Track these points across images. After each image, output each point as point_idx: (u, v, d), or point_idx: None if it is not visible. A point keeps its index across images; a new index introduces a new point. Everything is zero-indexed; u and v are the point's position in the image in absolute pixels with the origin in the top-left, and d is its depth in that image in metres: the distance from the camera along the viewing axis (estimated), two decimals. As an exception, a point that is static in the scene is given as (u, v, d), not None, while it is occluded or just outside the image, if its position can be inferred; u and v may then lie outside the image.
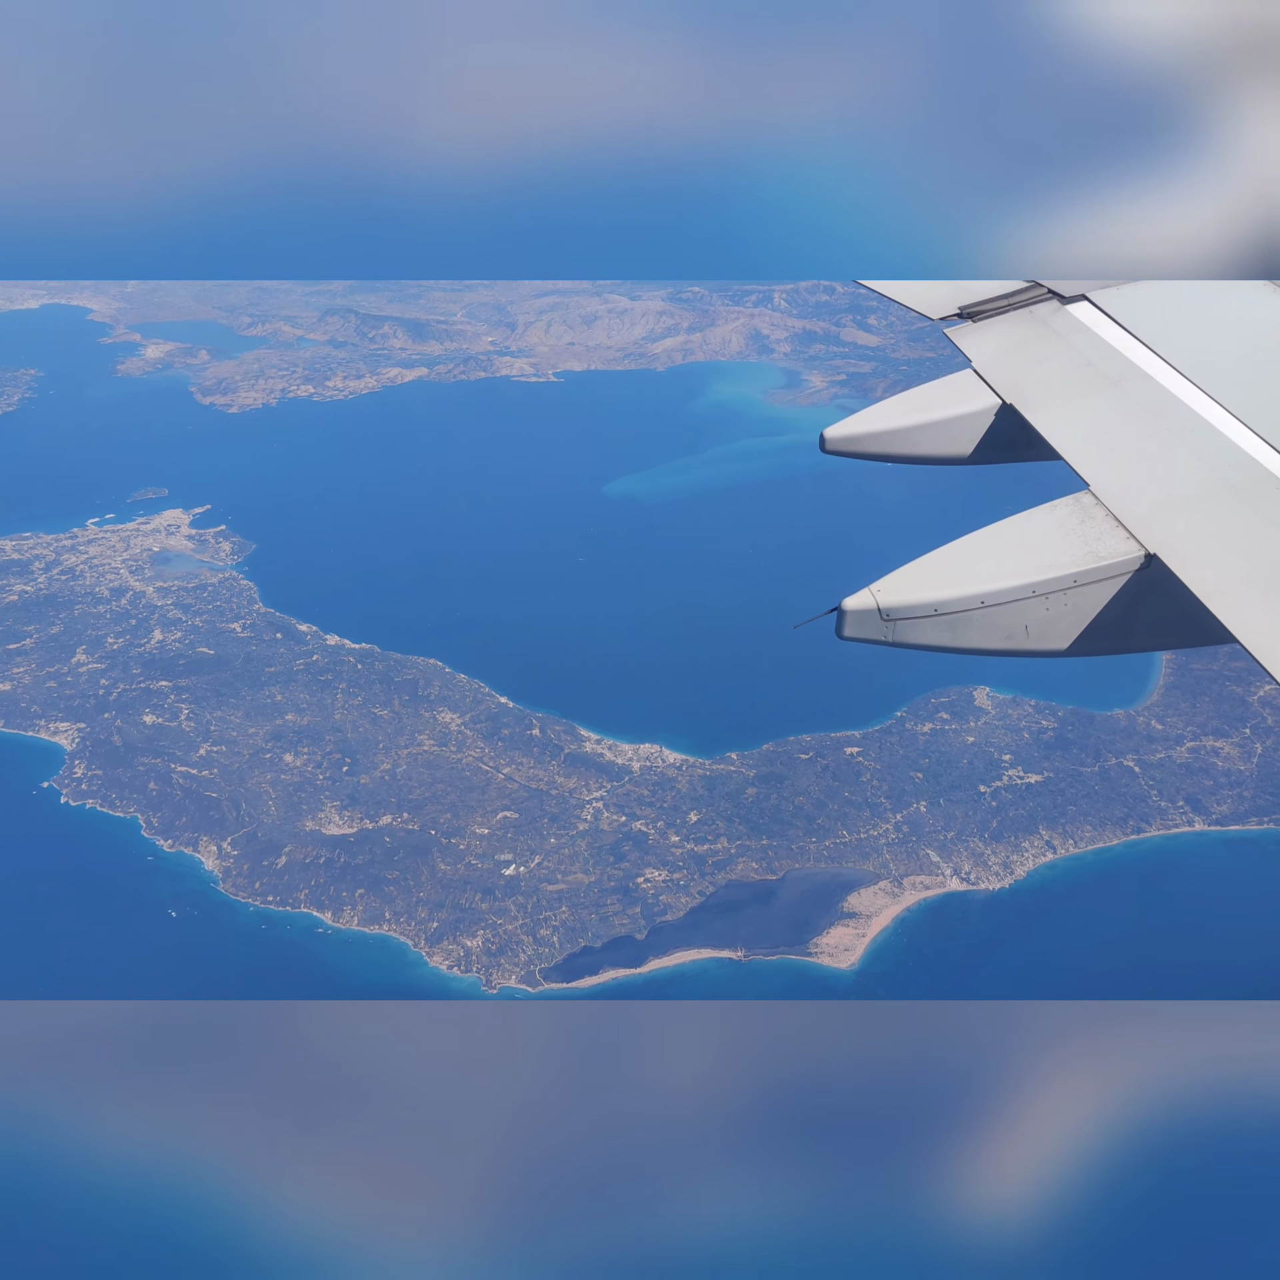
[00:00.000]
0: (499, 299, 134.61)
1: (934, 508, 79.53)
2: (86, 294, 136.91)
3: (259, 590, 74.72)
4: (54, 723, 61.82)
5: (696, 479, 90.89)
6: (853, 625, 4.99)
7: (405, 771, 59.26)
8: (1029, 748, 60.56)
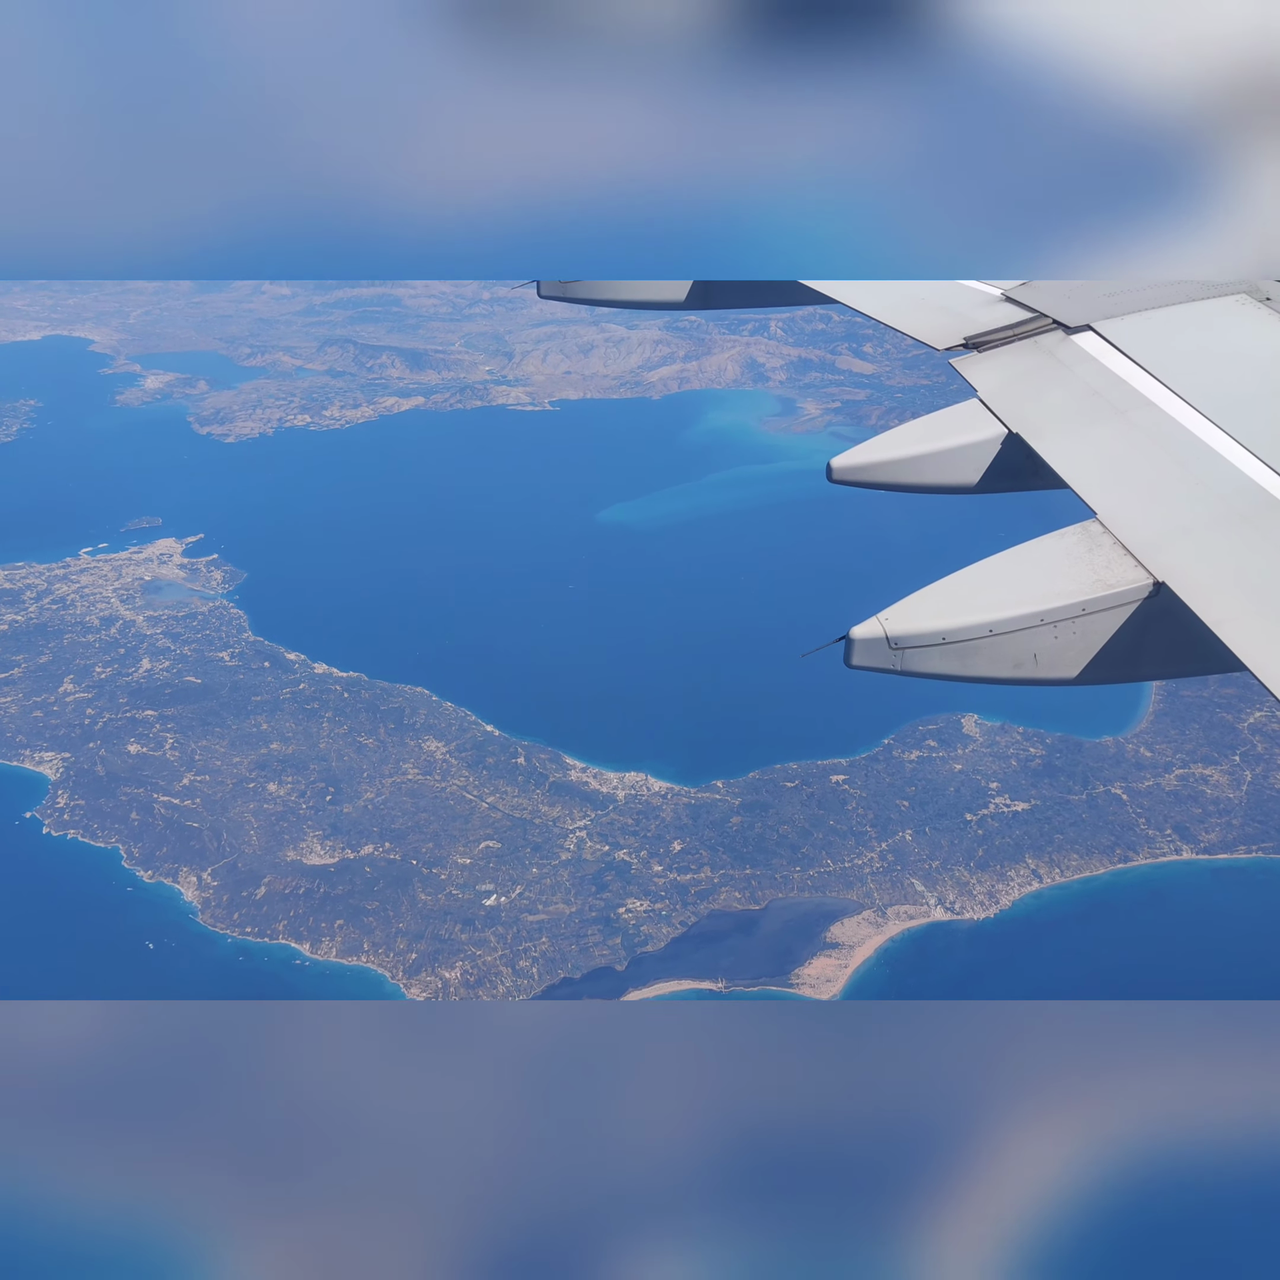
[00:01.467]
0: (497, 329, 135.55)
1: (933, 537, 79.58)
2: (89, 325, 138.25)
3: (249, 619, 74.81)
4: (39, 752, 61.78)
5: (689, 506, 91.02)
6: (860, 654, 5.01)
7: (388, 800, 59.04)
8: (1016, 775, 60.13)
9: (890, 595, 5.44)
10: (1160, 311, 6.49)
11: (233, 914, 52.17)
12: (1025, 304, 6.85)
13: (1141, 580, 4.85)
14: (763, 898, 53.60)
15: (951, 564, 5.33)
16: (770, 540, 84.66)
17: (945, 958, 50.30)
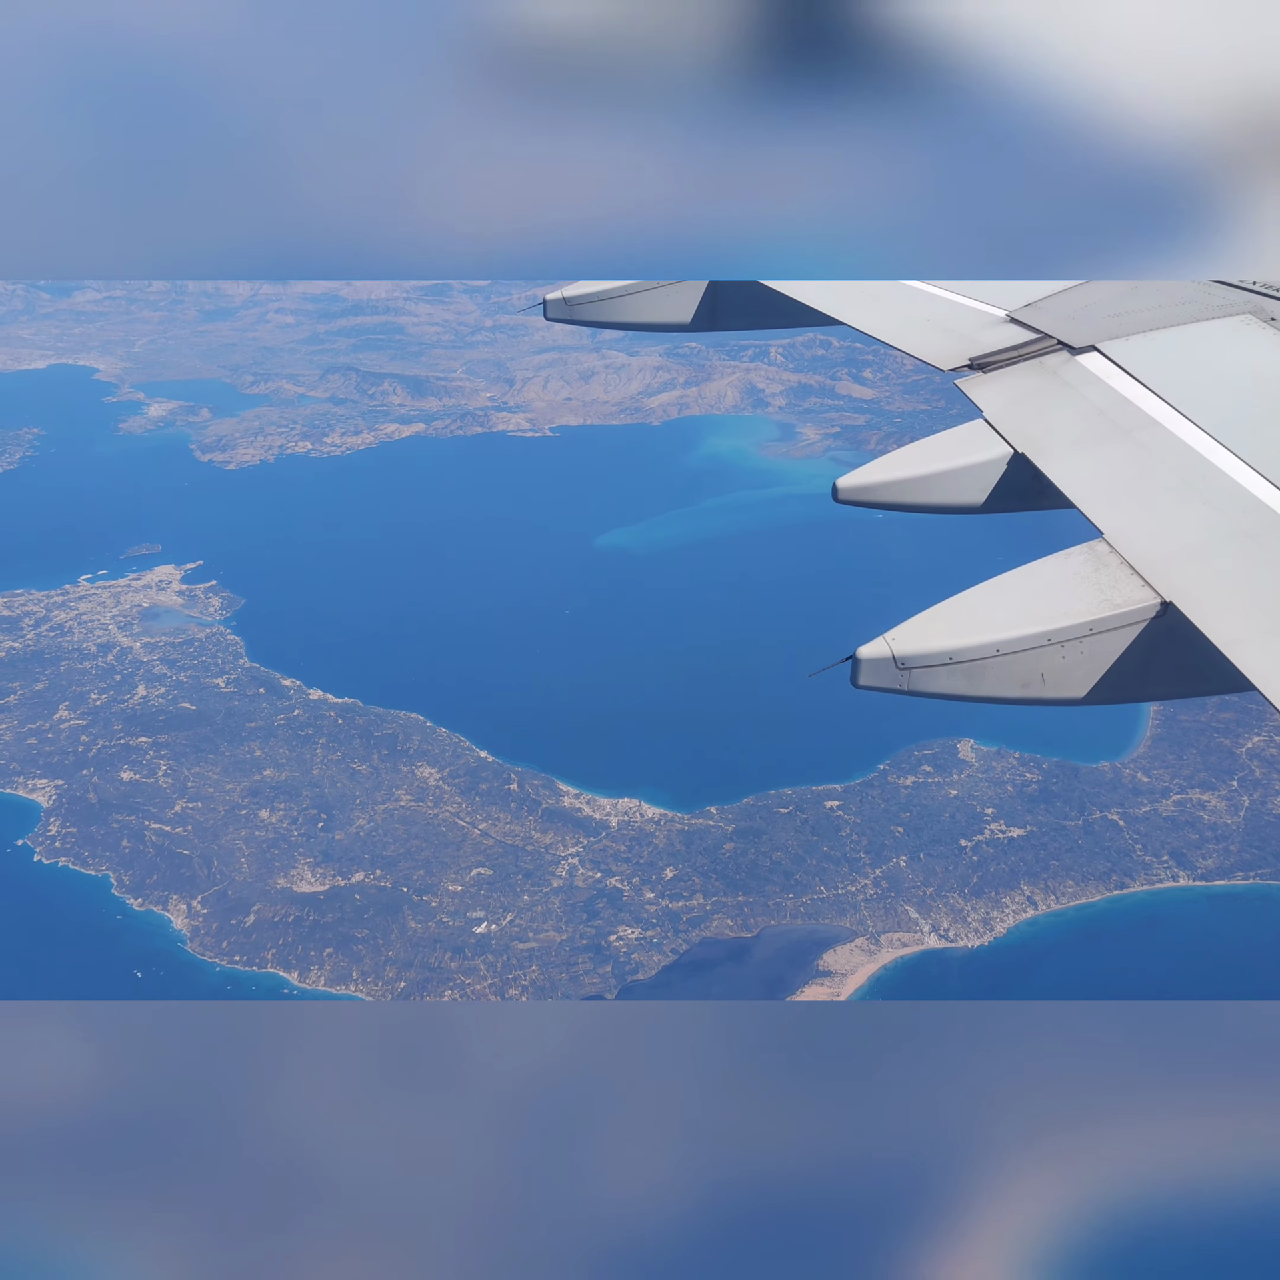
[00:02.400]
0: (499, 355, 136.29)
1: (934, 559, 79.41)
2: (94, 354, 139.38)
3: (245, 645, 74.89)
4: (32, 779, 61.77)
5: (687, 530, 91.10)
6: (868, 674, 5.01)
7: (380, 827, 58.84)
8: (1012, 801, 59.71)
9: (887, 618, 5.43)
10: (1165, 332, 6.49)
11: (221, 942, 51.93)
12: (1030, 325, 6.85)
13: (1149, 600, 4.82)
14: (755, 925, 53.18)
15: (955, 585, 5.34)
16: (767, 564, 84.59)
17: (938, 986, 49.79)
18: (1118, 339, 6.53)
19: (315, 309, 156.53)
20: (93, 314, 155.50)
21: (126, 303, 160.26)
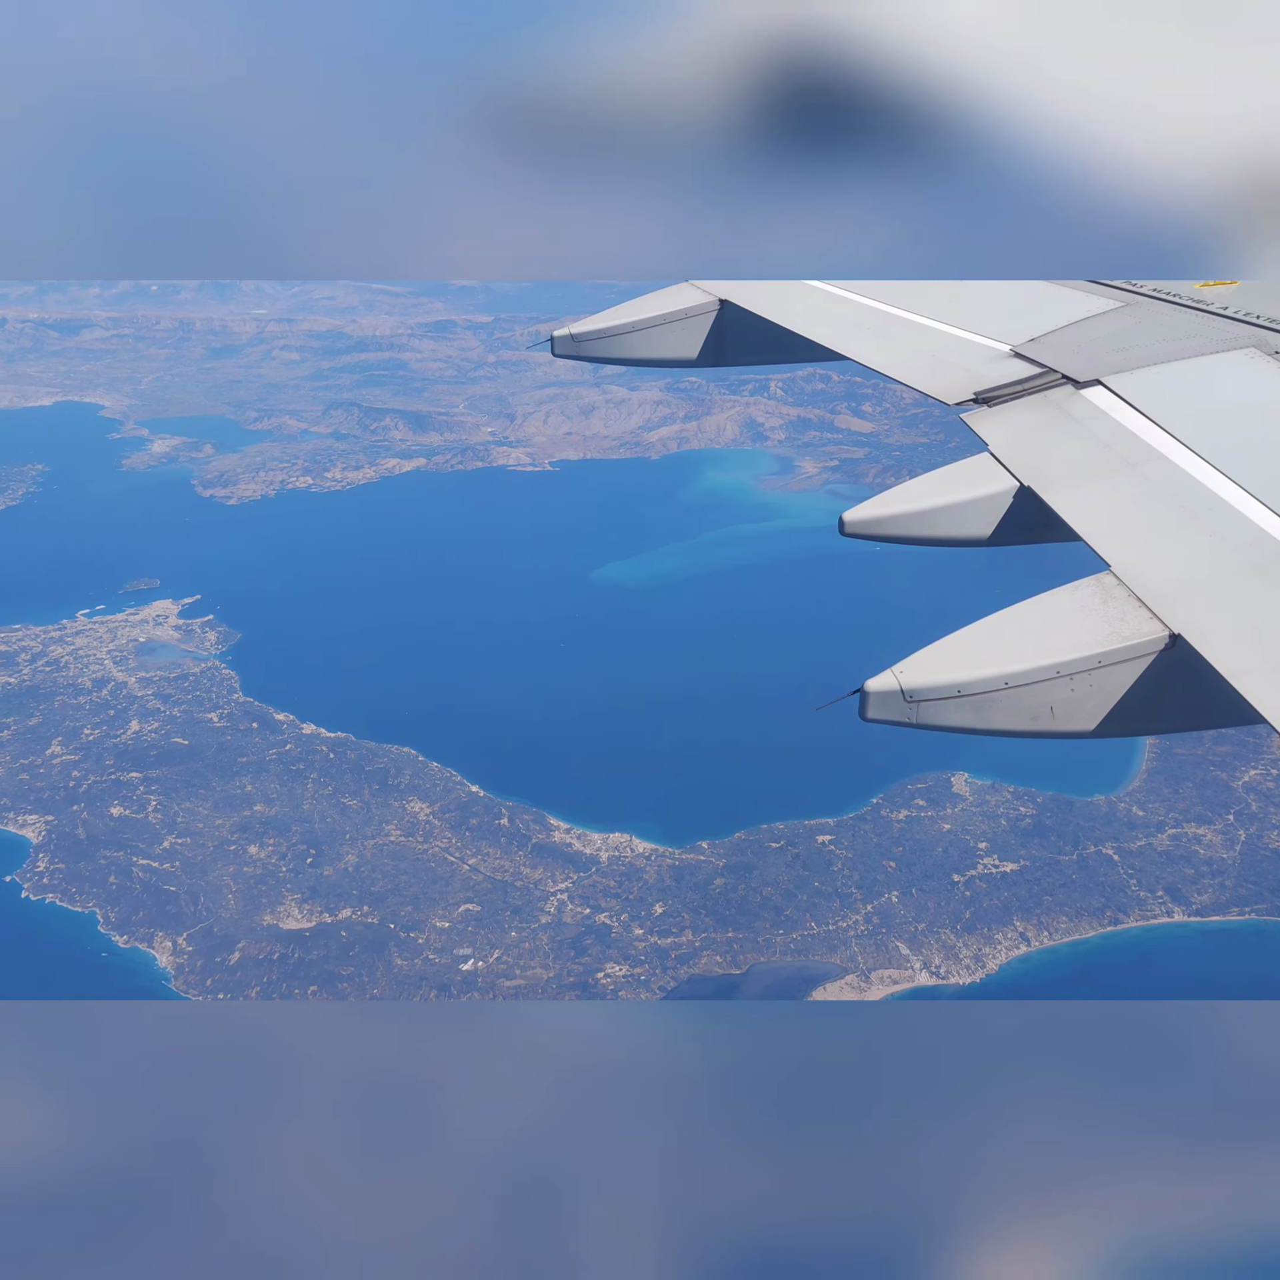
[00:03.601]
0: (501, 391, 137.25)
1: (932, 593, 79.20)
2: (100, 391, 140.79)
3: (240, 679, 74.96)
4: (22, 815, 61.71)
5: (684, 564, 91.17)
6: (876, 707, 4.98)
7: (369, 863, 58.54)
8: (1006, 835, 59.18)
9: (884, 651, 5.32)
10: (1169, 366, 6.52)
11: (206, 980, 51.57)
12: (1034, 359, 6.88)
13: (1157, 632, 4.80)
14: (744, 961, 52.63)
15: (953, 619, 5.32)
16: (763, 598, 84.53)
17: (929, 1024, 49.09)
18: (1122, 373, 6.55)
19: (320, 346, 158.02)
20: (100, 351, 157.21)
21: (134, 340, 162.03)
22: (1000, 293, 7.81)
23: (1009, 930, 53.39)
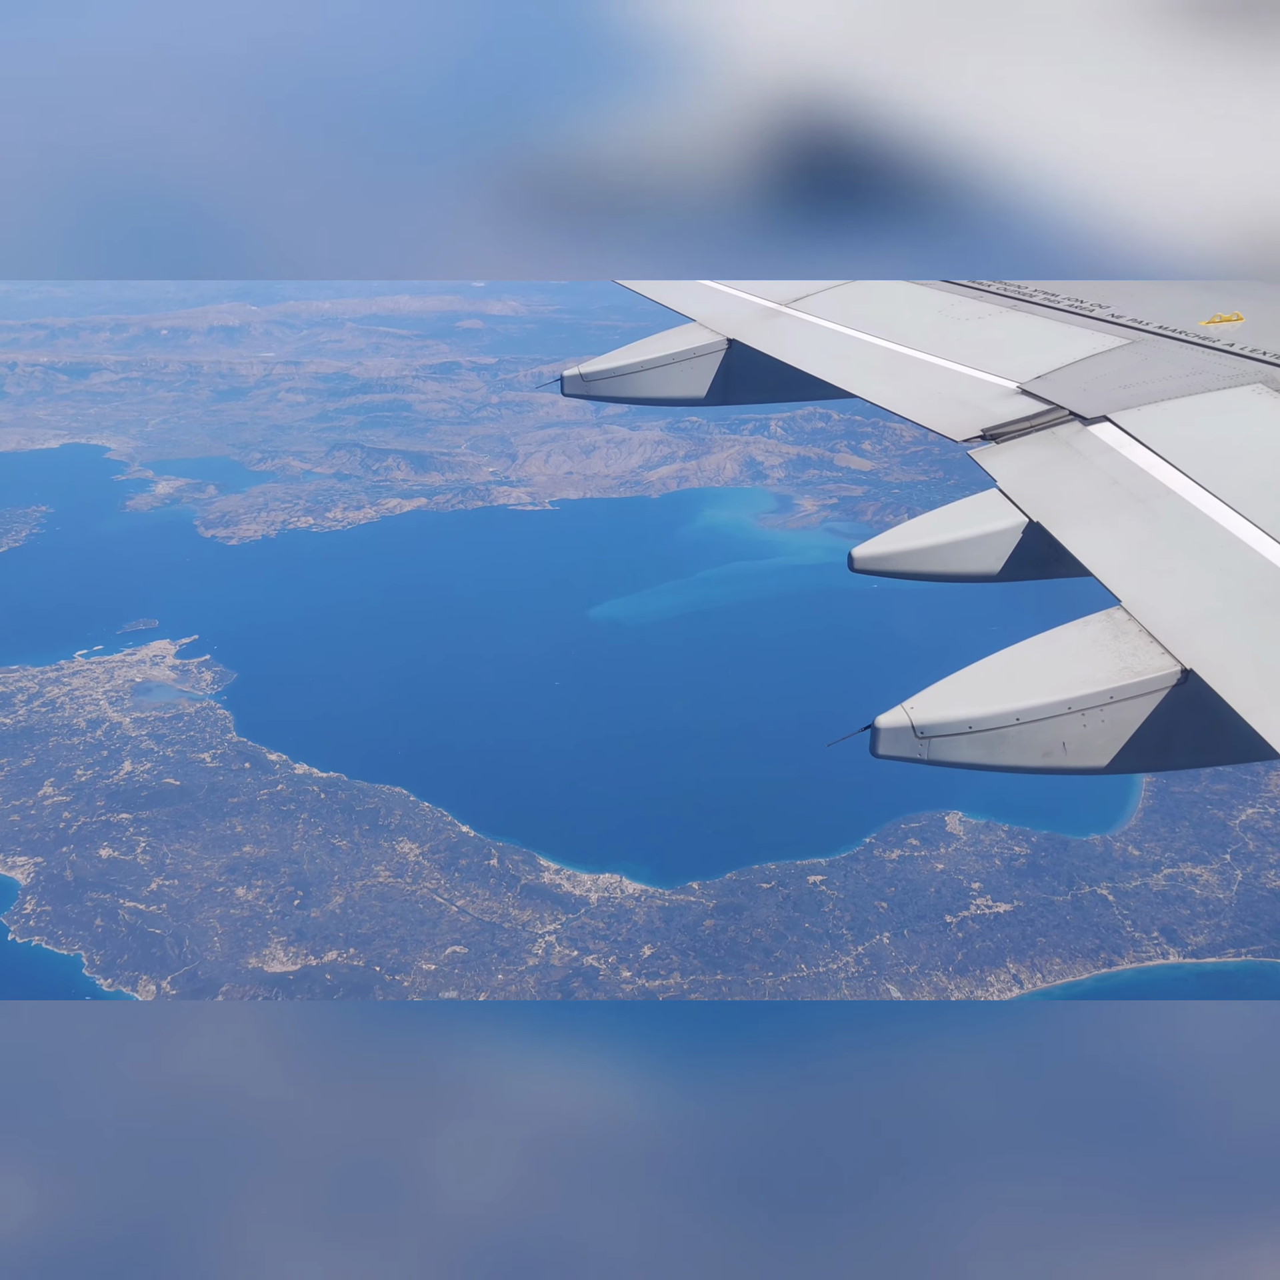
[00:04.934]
0: (503, 431, 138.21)
1: (932, 630, 79.02)
2: (107, 433, 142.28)
3: (234, 719, 74.98)
4: (12, 857, 61.58)
5: (680, 602, 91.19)
6: (887, 743, 4.95)
7: (357, 904, 58.16)
8: (999, 875, 58.52)
9: (882, 688, 5.21)
10: (1177, 402, 6.53)
11: (189, 1023, 51.08)
12: (1041, 396, 6.92)
13: (1169, 668, 4.76)
14: (732, 1005, 51.99)
15: (950, 656, 5.27)
16: (759, 635, 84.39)
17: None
18: (1130, 409, 6.56)
19: (326, 388, 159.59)
20: (108, 394, 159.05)
21: (142, 383, 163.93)
22: (1006, 330, 7.89)
23: (1002, 972, 52.65)
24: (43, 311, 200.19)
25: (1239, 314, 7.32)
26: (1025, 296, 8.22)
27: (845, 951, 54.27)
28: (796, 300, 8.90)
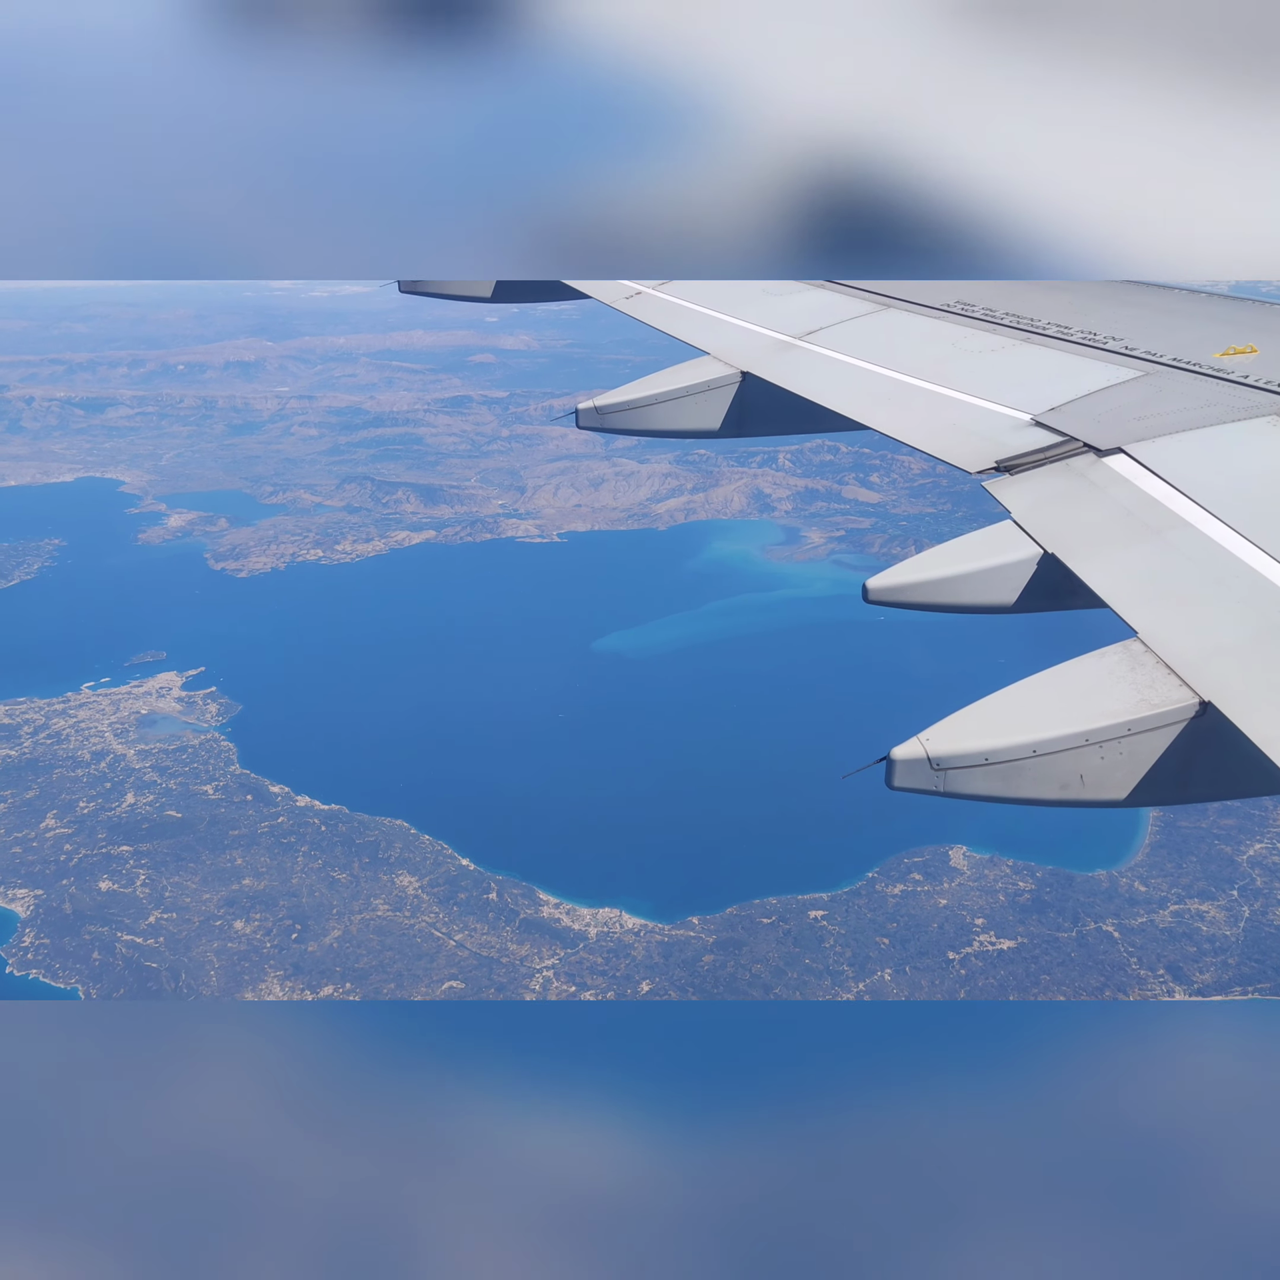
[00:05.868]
0: (513, 464, 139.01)
1: (927, 661, 78.71)
2: (122, 467, 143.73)
3: (238, 751, 75.06)
4: (12, 889, 61.58)
5: (685, 634, 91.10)
6: (902, 775, 4.92)
7: (355, 938, 57.86)
8: (1004, 911, 57.83)
9: (887, 720, 5.18)
10: (1191, 434, 6.53)
11: (182, 1058, 50.79)
12: (1055, 428, 6.94)
13: (1187, 700, 4.70)
14: (731, 1042, 51.32)
15: (957, 689, 5.36)
16: (763, 668, 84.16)
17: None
18: (1144, 441, 6.56)
19: (338, 421, 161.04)
20: (124, 429, 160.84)
21: (158, 418, 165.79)
22: (1019, 362, 7.92)
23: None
24: (61, 347, 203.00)
25: (1253, 346, 7.29)
26: (1039, 329, 8.25)
27: (845, 988, 53.62)
28: (810, 333, 8.99)
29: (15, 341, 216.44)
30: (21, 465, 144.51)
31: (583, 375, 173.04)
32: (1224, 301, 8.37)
